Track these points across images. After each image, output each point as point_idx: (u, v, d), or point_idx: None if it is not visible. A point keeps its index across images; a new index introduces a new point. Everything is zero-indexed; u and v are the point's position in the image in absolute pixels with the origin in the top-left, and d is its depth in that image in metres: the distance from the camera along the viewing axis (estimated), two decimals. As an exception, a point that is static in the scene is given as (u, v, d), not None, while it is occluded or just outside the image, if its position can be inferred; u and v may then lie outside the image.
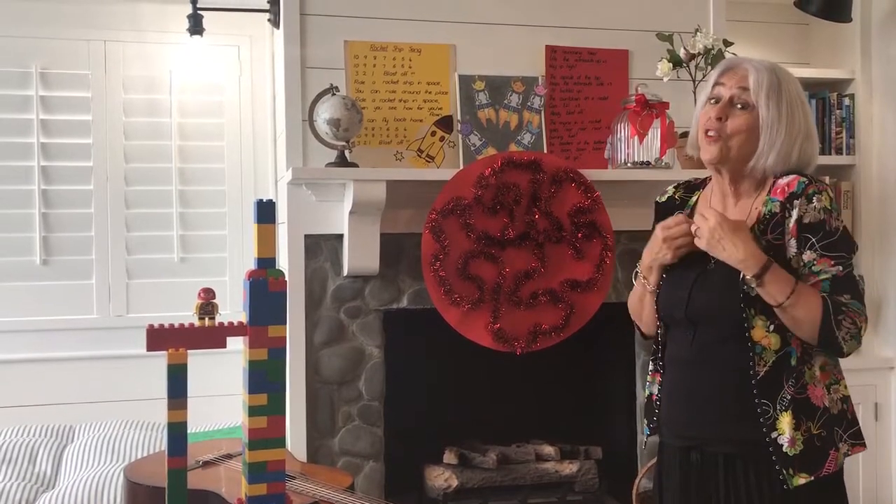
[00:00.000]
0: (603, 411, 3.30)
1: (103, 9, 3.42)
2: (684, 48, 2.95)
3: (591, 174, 2.89)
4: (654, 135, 2.92)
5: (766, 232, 1.78)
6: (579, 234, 2.86)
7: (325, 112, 2.70)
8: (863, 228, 3.62)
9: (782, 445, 1.73)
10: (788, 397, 1.74)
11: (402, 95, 2.91)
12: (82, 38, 3.41)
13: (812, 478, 1.72)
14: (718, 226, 1.72)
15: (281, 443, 1.24)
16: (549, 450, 3.11)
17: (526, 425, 3.24)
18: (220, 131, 3.55)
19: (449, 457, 3.02)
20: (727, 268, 1.79)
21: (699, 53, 2.93)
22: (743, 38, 3.51)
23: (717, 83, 1.85)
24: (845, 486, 1.82)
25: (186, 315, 3.15)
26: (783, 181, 1.80)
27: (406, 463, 3.04)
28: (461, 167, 2.86)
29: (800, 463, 1.72)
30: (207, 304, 1.33)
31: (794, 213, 1.75)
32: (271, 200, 1.25)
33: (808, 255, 1.75)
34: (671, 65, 2.95)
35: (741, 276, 1.75)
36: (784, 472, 1.73)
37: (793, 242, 1.76)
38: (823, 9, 3.42)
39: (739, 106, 1.81)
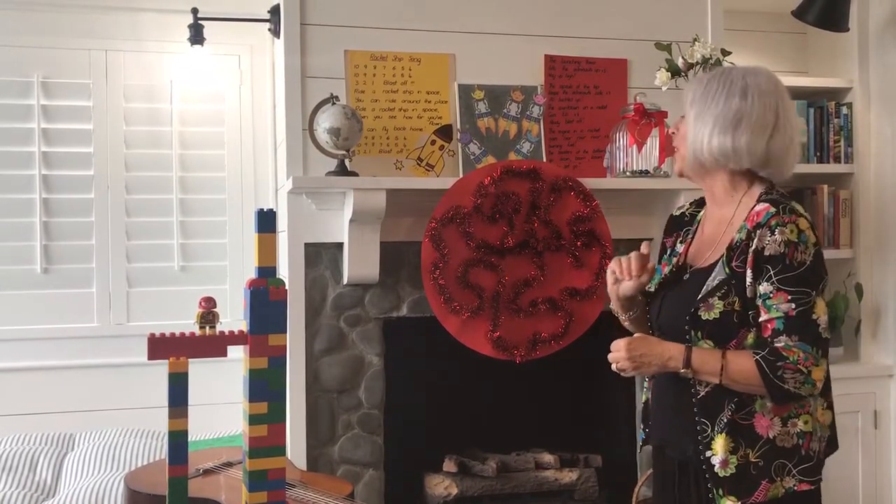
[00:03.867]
0: (602, 419, 3.30)
1: (104, 18, 3.44)
2: (682, 57, 2.96)
3: (590, 183, 2.90)
4: (653, 144, 2.94)
5: (732, 260, 1.79)
6: (578, 243, 2.87)
7: (326, 121, 2.71)
8: (861, 236, 3.63)
9: (714, 465, 1.77)
10: (726, 420, 1.77)
11: (402, 104, 2.93)
12: (83, 48, 3.43)
13: (740, 503, 1.76)
14: (630, 351, 1.81)
15: (281, 451, 1.25)
16: (548, 458, 3.11)
17: (525, 433, 3.24)
18: (220, 140, 3.56)
19: (448, 465, 3.02)
20: (689, 286, 1.85)
21: (697, 63, 2.94)
22: (741, 48, 3.53)
23: None
24: None
25: (187, 323, 3.15)
26: (757, 208, 1.79)
27: (406, 471, 3.04)
28: (461, 176, 2.88)
29: (730, 485, 1.76)
30: (208, 313, 1.34)
31: (754, 244, 1.74)
32: (272, 210, 1.26)
33: (764, 287, 1.74)
34: (669, 74, 2.96)
35: (699, 295, 1.80)
36: (714, 491, 1.78)
37: (749, 273, 1.76)
38: (821, 18, 3.43)
39: (682, 117, 1.93)
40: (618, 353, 1.82)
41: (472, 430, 3.17)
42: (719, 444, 1.76)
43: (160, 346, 1.24)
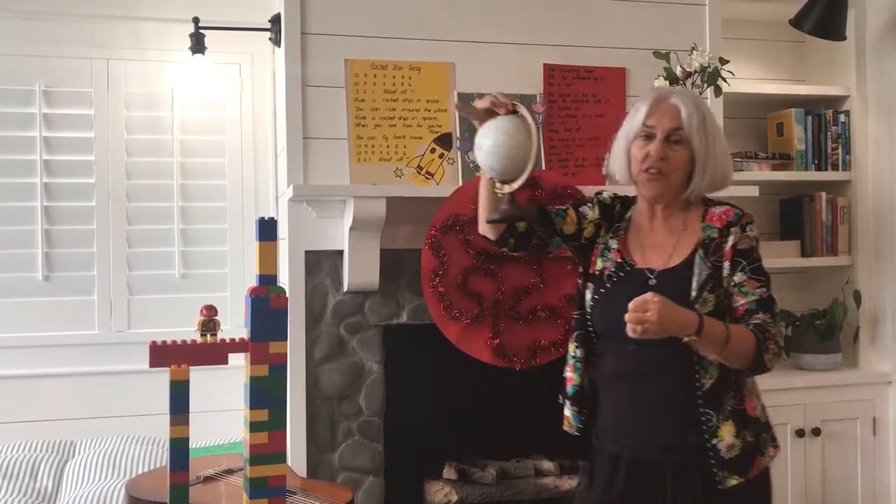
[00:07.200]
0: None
1: (106, 27, 3.46)
2: (681, 66, 2.97)
3: (590, 191, 2.90)
4: (652, 151, 2.94)
5: (709, 255, 1.96)
6: (577, 250, 2.88)
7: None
8: (859, 244, 3.64)
9: (720, 450, 1.91)
10: (729, 408, 1.93)
11: (402, 113, 2.94)
12: (85, 57, 3.44)
13: (742, 479, 1.92)
14: (660, 313, 1.71)
15: (282, 458, 1.26)
16: (548, 465, 3.12)
17: (525, 440, 3.24)
18: (221, 148, 3.57)
19: (448, 472, 3.02)
20: (672, 286, 1.92)
21: (695, 71, 2.96)
22: (739, 56, 3.54)
23: (646, 121, 1.99)
24: (771, 485, 2.03)
25: (187, 331, 3.16)
26: (718, 210, 2.01)
27: (406, 478, 3.05)
28: (460, 184, 2.89)
29: (733, 466, 1.91)
30: (209, 321, 1.35)
31: (731, 240, 1.95)
32: (273, 218, 1.27)
33: (738, 277, 1.94)
34: (668, 82, 2.97)
35: (690, 295, 1.91)
36: (720, 474, 1.91)
37: (727, 265, 1.95)
38: (819, 27, 3.45)
39: (675, 140, 1.97)
40: (645, 315, 1.70)
41: (472, 436, 3.17)
42: (726, 430, 1.91)
43: (161, 354, 1.25)
